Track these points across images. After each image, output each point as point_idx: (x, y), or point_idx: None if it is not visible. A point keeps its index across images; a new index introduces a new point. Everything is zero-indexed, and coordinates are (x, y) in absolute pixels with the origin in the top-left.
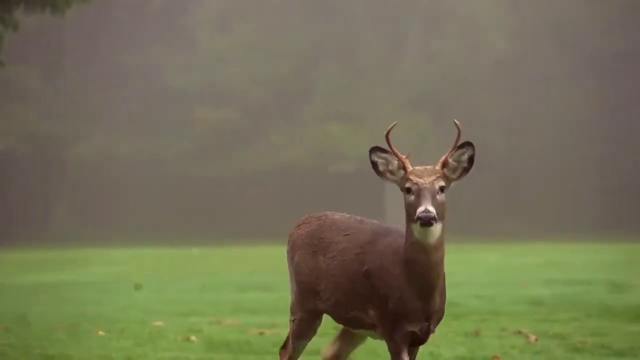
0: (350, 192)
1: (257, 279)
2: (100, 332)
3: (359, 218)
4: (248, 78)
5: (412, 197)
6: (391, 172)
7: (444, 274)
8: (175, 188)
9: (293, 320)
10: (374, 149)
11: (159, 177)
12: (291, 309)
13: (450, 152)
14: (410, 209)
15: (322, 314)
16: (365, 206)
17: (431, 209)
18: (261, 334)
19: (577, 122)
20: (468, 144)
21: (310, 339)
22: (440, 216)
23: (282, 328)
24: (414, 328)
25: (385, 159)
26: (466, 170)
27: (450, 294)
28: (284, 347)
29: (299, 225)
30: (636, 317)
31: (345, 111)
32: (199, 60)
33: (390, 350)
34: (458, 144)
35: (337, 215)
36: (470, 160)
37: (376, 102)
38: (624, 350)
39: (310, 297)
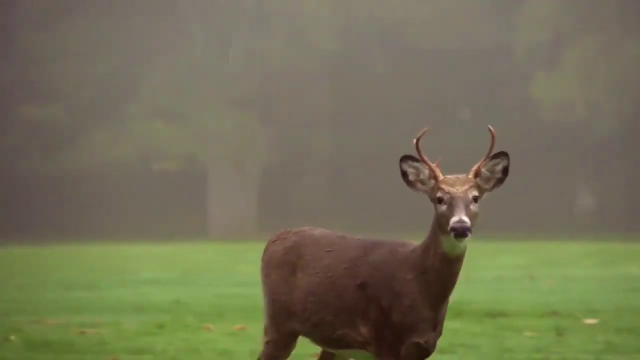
0: (174, 189)
1: (81, 278)
2: None
3: (339, 234)
4: (73, 76)
5: (444, 207)
6: (422, 182)
7: None
8: None
9: (267, 342)
10: (405, 158)
11: None
12: (264, 330)
13: (483, 161)
14: (443, 219)
15: (298, 336)
16: (189, 204)
17: (466, 219)
18: (83, 333)
19: (402, 120)
20: (503, 154)
21: None
22: (473, 227)
23: (105, 327)
24: (420, 339)
25: (416, 168)
26: (500, 181)
27: None
28: None
29: (274, 241)
30: (455, 314)
31: (171, 109)
32: (22, 58)
33: None
34: (492, 154)
35: (317, 231)
36: (505, 170)
37: (202, 100)
38: (443, 347)
39: (285, 317)
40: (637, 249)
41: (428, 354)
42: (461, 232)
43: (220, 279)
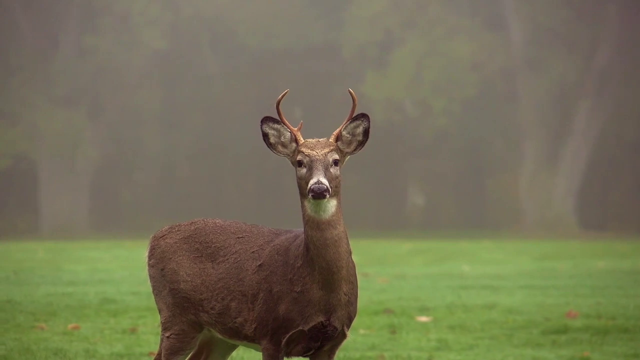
0: (4, 188)
1: None
2: None
3: (247, 223)
4: None
5: (304, 170)
6: (283, 145)
7: (350, 260)
8: None
9: (168, 336)
10: (266, 119)
11: None
12: (164, 325)
13: (344, 124)
14: (302, 182)
15: (202, 328)
16: (19, 203)
17: (324, 180)
18: None
19: (233, 119)
20: (363, 116)
21: (188, 355)
22: (335, 190)
23: None
24: (306, 326)
25: (277, 130)
26: (361, 143)
27: (108, 290)
28: None
29: (163, 236)
30: None
31: None
32: None
33: (267, 355)
34: (353, 116)
35: (218, 220)
36: (366, 132)
37: (30, 97)
38: None
39: (190, 306)
40: (466, 247)
41: (327, 336)
42: (319, 194)
43: (52, 277)
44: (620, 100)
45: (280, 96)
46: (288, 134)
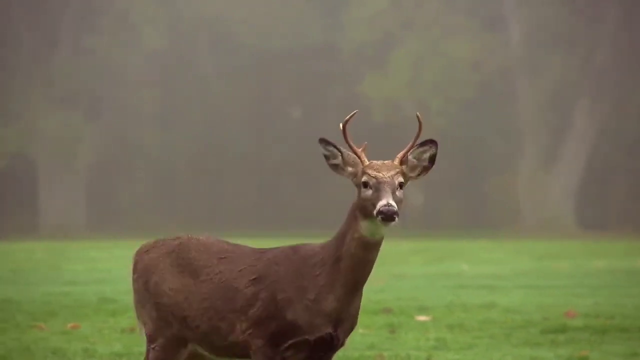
0: (2, 188)
1: None
2: None
3: (229, 242)
4: None
5: (370, 192)
6: (345, 165)
7: None
8: None
9: (154, 348)
10: (321, 141)
11: None
12: (149, 337)
13: (410, 148)
14: (367, 203)
15: (187, 343)
16: (18, 202)
17: (393, 203)
18: None
19: (231, 119)
20: (431, 142)
21: None
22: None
23: None
24: (311, 335)
25: (334, 151)
26: (426, 169)
27: (106, 290)
28: None
29: (147, 250)
30: None
31: None
32: None
33: (262, 356)
34: (419, 141)
35: (202, 237)
36: (432, 159)
37: (29, 98)
38: None
39: (174, 321)
40: (465, 247)
41: (331, 347)
42: (389, 216)
43: (51, 277)
44: (619, 100)
45: (348, 117)
46: (351, 156)
